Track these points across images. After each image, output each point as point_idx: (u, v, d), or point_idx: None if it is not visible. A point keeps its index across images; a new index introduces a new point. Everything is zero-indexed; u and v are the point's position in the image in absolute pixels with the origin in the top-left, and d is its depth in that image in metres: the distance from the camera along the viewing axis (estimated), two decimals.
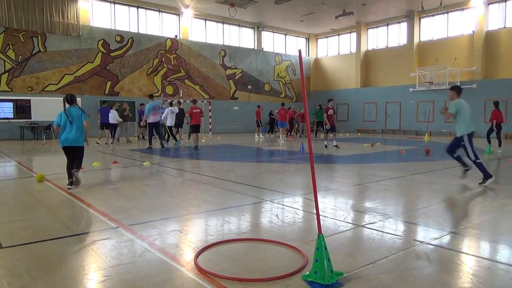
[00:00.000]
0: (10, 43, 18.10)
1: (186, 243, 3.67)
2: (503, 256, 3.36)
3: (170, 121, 15.17)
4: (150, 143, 13.85)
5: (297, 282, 2.78)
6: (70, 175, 6.41)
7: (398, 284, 2.73)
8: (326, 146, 13.77)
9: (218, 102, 25.03)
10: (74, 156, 6.60)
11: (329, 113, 13.72)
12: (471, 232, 3.99)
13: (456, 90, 7.00)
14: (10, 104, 18.02)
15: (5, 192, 6.15)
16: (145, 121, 14.02)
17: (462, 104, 6.81)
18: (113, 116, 16.18)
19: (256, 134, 20.76)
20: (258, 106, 21.20)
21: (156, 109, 13.40)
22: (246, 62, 26.71)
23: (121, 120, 16.40)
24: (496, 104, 12.61)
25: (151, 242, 3.65)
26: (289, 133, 21.54)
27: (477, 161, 6.75)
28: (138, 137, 18.86)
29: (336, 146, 13.72)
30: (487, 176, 6.62)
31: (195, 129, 13.58)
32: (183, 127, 15.93)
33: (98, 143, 15.15)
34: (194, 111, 13.37)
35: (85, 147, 6.78)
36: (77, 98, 20.43)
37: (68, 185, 6.33)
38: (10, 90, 18.19)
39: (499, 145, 12.67)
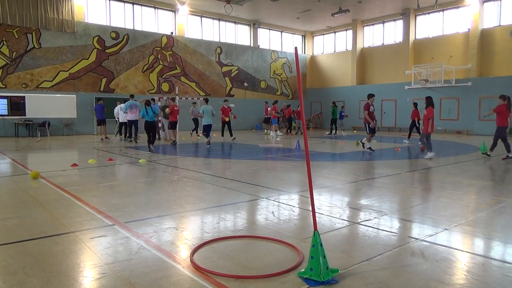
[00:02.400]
0: (4, 39, 17.95)
1: (182, 240, 3.67)
2: (497, 253, 3.39)
3: (121, 118, 15.74)
4: (134, 137, 15.29)
5: (292, 279, 2.79)
6: (149, 145, 11.34)
7: (393, 281, 2.75)
8: (370, 149, 11.48)
9: (214, 100, 24.95)
10: (151, 130, 11.38)
11: (370, 110, 11.51)
12: (466, 229, 4.02)
13: (204, 99, 13.62)
14: (5, 101, 17.89)
15: (0, 190, 6.11)
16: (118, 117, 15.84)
17: (205, 108, 12.88)
18: (117, 112, 15.89)
19: (271, 131, 20.19)
20: (274, 103, 21.06)
21: (133, 108, 14.80)
22: (242, 59, 26.67)
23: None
24: (415, 105, 15.51)
25: (147, 239, 3.64)
26: (288, 130, 21.61)
27: (207, 137, 12.79)
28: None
29: (369, 148, 11.62)
30: (207, 142, 12.76)
31: (173, 125, 14.45)
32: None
33: (102, 139, 16.07)
34: (175, 108, 14.19)
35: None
36: (72, 95, 20.44)
37: (148, 151, 11.17)
38: (4, 86, 18.05)
39: (408, 137, 15.60)
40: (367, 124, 11.62)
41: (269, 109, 20.75)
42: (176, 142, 14.31)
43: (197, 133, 18.89)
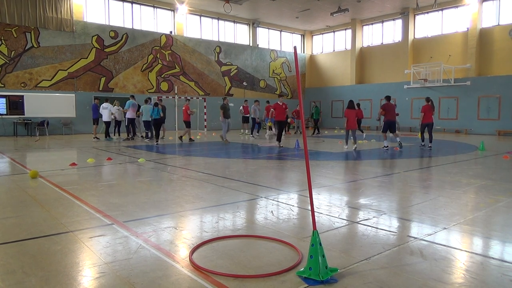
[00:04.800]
0: (2, 38, 17.91)
1: (181, 239, 3.67)
2: (496, 252, 3.39)
3: (104, 117, 15.90)
4: (128, 134, 16.13)
5: (292, 278, 2.79)
6: (157, 138, 14.17)
7: (392, 280, 2.76)
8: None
9: (214, 99, 24.97)
10: (157, 126, 14.32)
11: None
12: (464, 228, 4.02)
13: (145, 100, 15.21)
14: (3, 100, 17.87)
15: None
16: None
17: (144, 107, 14.80)
18: (107, 112, 15.73)
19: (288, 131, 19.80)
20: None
21: (134, 106, 15.73)
22: (241, 59, 26.66)
23: (114, 116, 16.13)
24: (357, 105, 16.32)
25: (146, 238, 3.64)
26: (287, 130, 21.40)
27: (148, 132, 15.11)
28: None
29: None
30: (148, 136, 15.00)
31: (186, 124, 15.37)
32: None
33: (97, 137, 15.86)
34: (183, 108, 15.46)
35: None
36: (71, 94, 20.52)
37: (156, 143, 13.82)
38: (2, 86, 18.02)
39: (362, 131, 17.54)
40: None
41: (250, 108, 18.82)
42: (192, 140, 15.26)
43: (251, 133, 18.40)
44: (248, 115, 19.65)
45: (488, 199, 5.34)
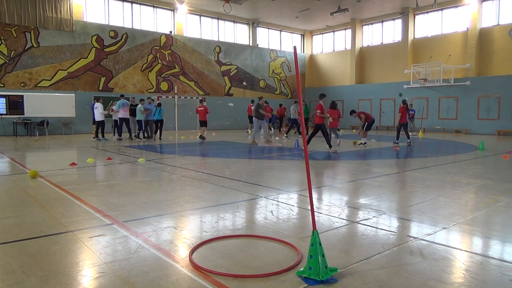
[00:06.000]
0: (2, 38, 17.91)
1: (181, 239, 3.67)
2: (495, 252, 3.39)
3: (97, 117, 15.60)
4: (120, 135, 15.97)
5: (291, 278, 2.79)
6: (153, 136, 15.97)
7: (392, 280, 2.76)
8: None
9: (213, 99, 24.97)
10: (159, 125, 15.86)
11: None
12: (464, 228, 4.02)
13: (140, 100, 16.01)
14: (3, 100, 17.87)
15: None
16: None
17: (140, 106, 15.64)
18: (98, 112, 15.35)
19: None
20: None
21: (125, 106, 15.60)
22: (241, 59, 26.65)
23: (106, 113, 15.92)
24: (336, 105, 15.44)
25: (146, 238, 3.64)
26: (280, 130, 21.30)
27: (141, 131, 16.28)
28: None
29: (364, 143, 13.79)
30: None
31: (202, 123, 16.61)
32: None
33: (97, 138, 15.78)
34: (199, 109, 16.32)
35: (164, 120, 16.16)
36: (71, 94, 20.48)
37: (153, 139, 15.84)
38: (2, 85, 18.02)
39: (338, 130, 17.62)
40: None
41: (252, 108, 17.88)
42: (203, 138, 15.94)
43: (299, 132, 17.90)
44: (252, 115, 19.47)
45: (488, 199, 5.34)
